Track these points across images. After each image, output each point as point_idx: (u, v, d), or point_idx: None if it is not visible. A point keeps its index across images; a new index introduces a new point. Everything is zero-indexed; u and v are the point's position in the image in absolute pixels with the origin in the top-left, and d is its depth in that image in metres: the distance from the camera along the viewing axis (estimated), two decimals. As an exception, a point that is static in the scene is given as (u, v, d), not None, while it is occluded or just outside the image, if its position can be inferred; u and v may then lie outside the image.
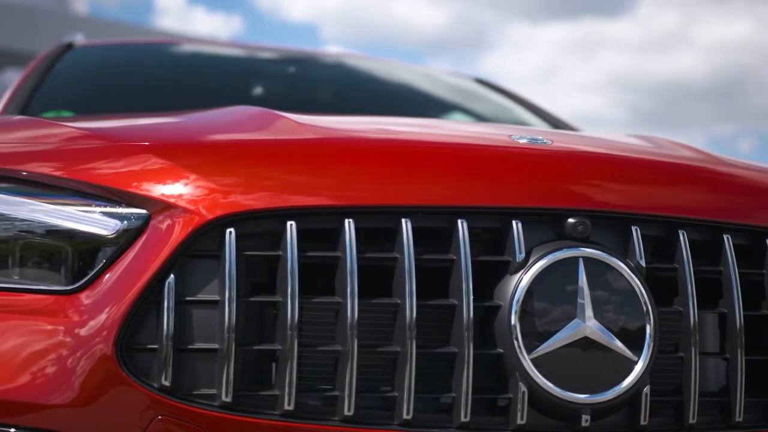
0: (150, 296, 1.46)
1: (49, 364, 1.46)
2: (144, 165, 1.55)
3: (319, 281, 1.48)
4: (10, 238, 1.57)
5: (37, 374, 1.46)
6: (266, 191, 1.51)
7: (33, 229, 1.56)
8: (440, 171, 1.55)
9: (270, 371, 1.49)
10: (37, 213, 1.57)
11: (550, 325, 1.47)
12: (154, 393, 1.43)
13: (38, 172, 1.60)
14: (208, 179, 1.51)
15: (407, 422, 1.45)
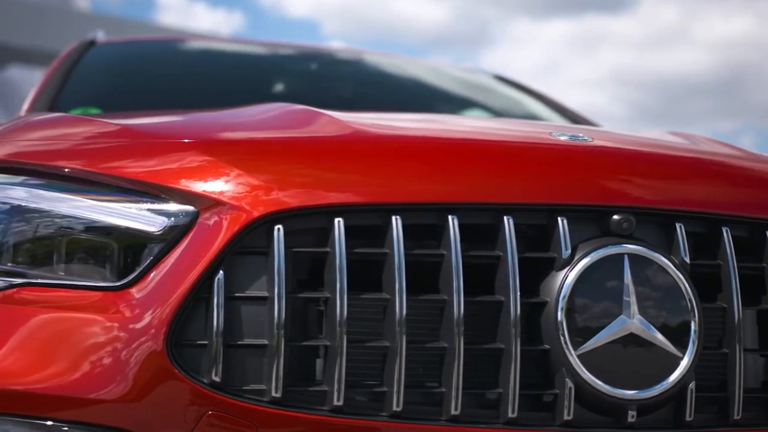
0: (199, 292, 1.47)
1: (98, 359, 1.47)
2: (192, 162, 1.56)
3: (365, 277, 1.49)
4: (57, 235, 1.58)
5: (87, 370, 1.47)
6: (313, 188, 1.52)
7: (79, 225, 1.58)
8: (485, 168, 1.56)
9: (314, 366, 1.50)
10: (83, 210, 1.59)
11: (596, 321, 1.48)
12: (205, 388, 1.44)
13: (85, 169, 1.61)
14: (256, 176, 1.52)
15: (455, 418, 1.46)
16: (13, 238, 1.61)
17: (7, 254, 1.60)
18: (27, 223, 1.61)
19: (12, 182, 1.66)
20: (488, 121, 2.20)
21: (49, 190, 1.63)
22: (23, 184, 1.65)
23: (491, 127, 1.89)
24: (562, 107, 3.46)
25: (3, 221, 1.62)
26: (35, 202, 1.62)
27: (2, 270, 1.59)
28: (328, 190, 1.52)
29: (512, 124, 2.05)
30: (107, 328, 1.48)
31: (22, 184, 1.65)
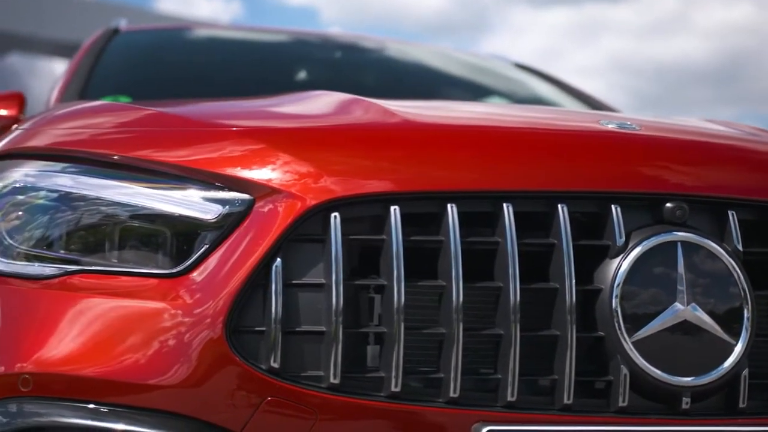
0: (257, 280, 1.48)
1: (156, 346, 1.48)
2: (248, 150, 1.57)
3: (420, 265, 1.50)
4: (110, 222, 1.59)
5: (145, 356, 1.48)
6: (369, 176, 1.53)
7: (132, 213, 1.58)
8: (539, 156, 1.57)
9: (367, 353, 1.51)
10: (136, 197, 1.59)
11: (650, 308, 1.49)
12: (263, 374, 1.46)
13: (136, 157, 1.62)
14: (312, 164, 1.53)
15: (511, 404, 1.47)
16: (65, 225, 1.62)
17: (61, 242, 1.61)
18: (79, 210, 1.61)
19: (63, 170, 1.66)
20: (533, 110, 2.20)
21: (100, 177, 1.63)
22: (75, 171, 1.66)
23: (539, 116, 1.90)
24: (584, 94, 3.46)
25: (55, 209, 1.63)
26: (88, 189, 1.62)
27: (56, 257, 1.60)
28: (384, 178, 1.52)
29: (559, 113, 2.06)
30: (165, 315, 1.49)
31: (73, 172, 1.65)
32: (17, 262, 1.61)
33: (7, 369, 1.51)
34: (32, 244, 1.62)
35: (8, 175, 1.70)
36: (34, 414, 1.49)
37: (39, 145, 1.73)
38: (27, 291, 1.57)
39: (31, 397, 1.50)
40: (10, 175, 1.69)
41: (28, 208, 1.66)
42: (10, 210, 1.66)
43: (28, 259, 1.61)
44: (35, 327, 1.53)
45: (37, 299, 1.56)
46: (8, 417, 1.50)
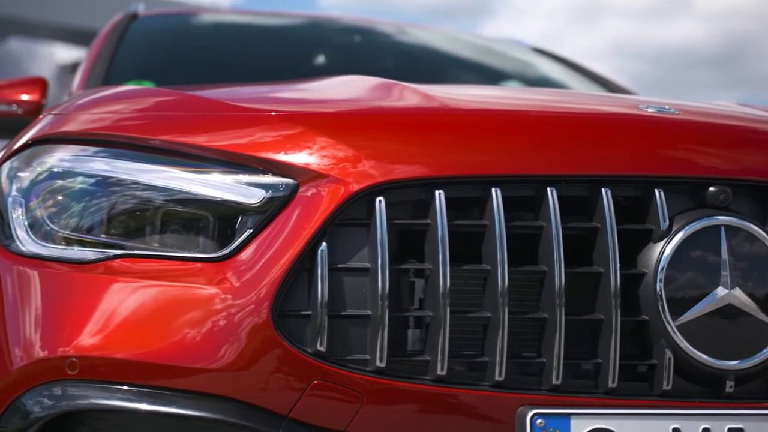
0: (302, 264, 1.49)
1: (203, 329, 1.49)
2: (291, 135, 1.57)
3: (462, 249, 1.50)
4: (152, 207, 1.59)
5: (191, 339, 1.48)
6: (412, 161, 1.53)
7: (175, 197, 1.59)
8: (582, 141, 1.57)
9: (410, 337, 1.51)
10: (178, 182, 1.60)
11: (694, 292, 1.50)
12: (310, 358, 1.46)
13: (177, 141, 1.62)
14: (356, 149, 1.53)
15: (556, 387, 1.48)
16: (106, 210, 1.62)
17: (102, 226, 1.61)
18: (119, 195, 1.62)
19: (101, 155, 1.67)
20: (570, 95, 2.21)
21: (139, 162, 1.64)
22: (113, 156, 1.66)
23: (577, 101, 1.90)
24: (603, 77, 3.47)
25: (95, 194, 1.63)
26: (127, 174, 1.63)
27: (98, 241, 1.60)
28: (428, 162, 1.53)
29: (595, 98, 2.06)
30: (210, 299, 1.50)
31: (112, 157, 1.66)
32: (59, 247, 1.61)
33: (53, 352, 1.52)
34: (73, 228, 1.62)
35: (45, 161, 1.70)
36: (80, 397, 1.50)
37: (74, 129, 1.73)
38: (70, 275, 1.57)
39: (77, 380, 1.50)
40: (47, 160, 1.70)
41: (68, 192, 1.66)
42: (49, 195, 1.67)
43: (70, 243, 1.61)
44: (80, 311, 1.53)
45: (80, 283, 1.56)
46: (54, 400, 1.51)
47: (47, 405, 1.51)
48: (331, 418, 1.46)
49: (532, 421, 1.45)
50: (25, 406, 1.52)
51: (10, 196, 1.70)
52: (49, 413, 1.50)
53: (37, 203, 1.67)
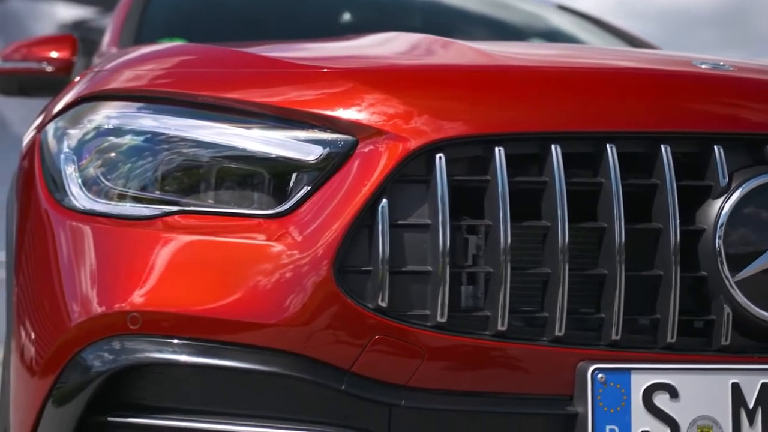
0: (363, 220, 1.49)
1: (264, 285, 1.49)
2: (349, 91, 1.57)
3: (521, 205, 1.51)
4: (209, 164, 1.60)
5: (253, 294, 1.49)
6: (472, 117, 1.53)
7: (231, 154, 1.59)
8: (641, 97, 1.57)
9: (470, 293, 1.52)
10: (234, 138, 1.60)
11: (752, 248, 1.50)
12: (372, 313, 1.47)
13: (232, 98, 1.62)
14: (415, 105, 1.53)
15: (615, 343, 1.49)
16: (162, 166, 1.62)
17: (157, 183, 1.62)
18: (174, 151, 1.62)
19: (154, 111, 1.67)
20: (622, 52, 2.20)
21: (193, 118, 1.64)
22: (166, 113, 1.66)
23: (632, 58, 1.89)
24: (632, 35, 3.45)
25: (150, 150, 1.64)
26: (181, 130, 1.63)
27: (154, 198, 1.61)
28: (486, 119, 1.53)
29: (647, 55, 2.05)
30: (271, 254, 1.50)
31: (165, 113, 1.66)
32: (114, 203, 1.62)
33: (115, 307, 1.53)
34: (128, 185, 1.63)
35: (95, 118, 1.70)
36: (142, 351, 1.51)
37: (123, 86, 1.73)
38: (128, 231, 1.58)
39: (139, 334, 1.51)
40: (98, 117, 1.70)
41: (121, 149, 1.66)
42: (102, 152, 1.67)
43: (125, 199, 1.62)
44: (140, 266, 1.54)
45: (139, 239, 1.57)
46: (115, 354, 1.52)
47: (109, 360, 1.52)
48: (392, 373, 1.48)
49: (593, 375, 1.46)
50: (86, 362, 1.53)
51: (61, 153, 1.71)
52: (111, 368, 1.51)
53: (89, 160, 1.67)
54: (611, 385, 1.46)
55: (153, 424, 1.51)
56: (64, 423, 1.53)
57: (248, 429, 1.50)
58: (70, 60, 2.86)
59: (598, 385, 1.46)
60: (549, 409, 1.49)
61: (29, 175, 1.80)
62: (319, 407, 1.49)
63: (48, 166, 1.73)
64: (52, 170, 1.71)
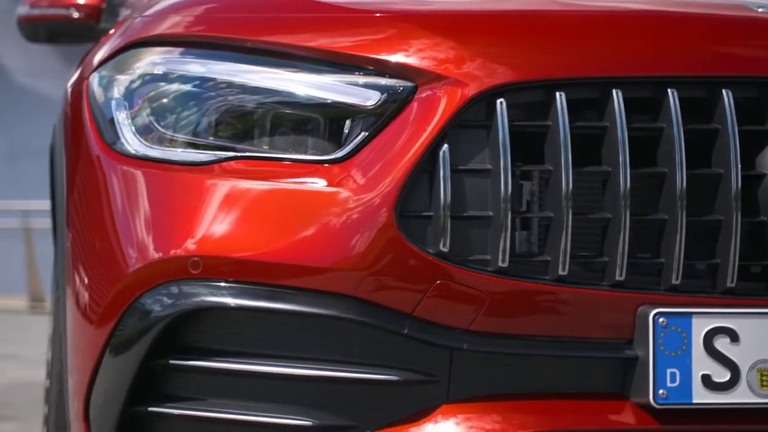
0: (423, 165, 1.49)
1: (326, 229, 1.50)
2: (408, 36, 1.56)
3: (580, 150, 1.50)
4: (266, 109, 1.59)
5: (314, 239, 1.50)
6: (533, 62, 1.52)
7: (288, 99, 1.59)
8: (701, 42, 1.57)
9: (529, 238, 1.52)
10: (290, 83, 1.59)
11: None
12: (433, 258, 1.48)
13: (286, 43, 1.61)
14: (475, 51, 1.53)
15: (674, 287, 1.49)
16: (216, 112, 1.62)
17: (212, 128, 1.62)
18: (228, 97, 1.61)
19: (207, 57, 1.66)
20: None
21: (247, 63, 1.63)
22: (220, 58, 1.65)
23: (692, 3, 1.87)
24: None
25: (203, 96, 1.63)
26: (235, 75, 1.62)
27: (210, 144, 1.60)
28: (547, 64, 1.52)
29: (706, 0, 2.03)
30: (332, 200, 1.51)
31: (219, 59, 1.65)
32: (169, 149, 1.61)
33: (176, 252, 1.53)
34: (182, 130, 1.63)
35: (146, 65, 1.69)
36: (204, 295, 1.51)
37: (171, 32, 1.72)
38: (185, 176, 1.58)
39: (200, 279, 1.52)
40: (148, 64, 1.69)
41: (174, 95, 1.66)
42: (154, 98, 1.66)
43: (181, 145, 1.61)
44: (199, 211, 1.54)
45: (197, 185, 1.57)
46: (177, 299, 1.53)
47: (169, 304, 1.52)
48: (453, 317, 1.49)
49: (655, 319, 1.47)
50: (146, 307, 1.54)
51: (112, 100, 1.70)
52: (172, 312, 1.52)
53: (141, 106, 1.67)
54: (672, 329, 1.47)
55: (214, 367, 1.52)
56: (126, 368, 1.54)
57: (308, 372, 1.51)
58: (98, 6, 2.83)
59: (659, 329, 1.47)
60: (608, 352, 1.50)
61: (77, 123, 1.79)
62: (378, 351, 1.50)
63: (98, 113, 1.73)
64: (102, 117, 1.71)
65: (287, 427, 1.52)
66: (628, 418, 1.50)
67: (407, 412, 1.51)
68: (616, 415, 1.51)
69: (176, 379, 1.55)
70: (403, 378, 1.49)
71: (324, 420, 1.51)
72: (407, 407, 1.51)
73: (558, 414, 1.50)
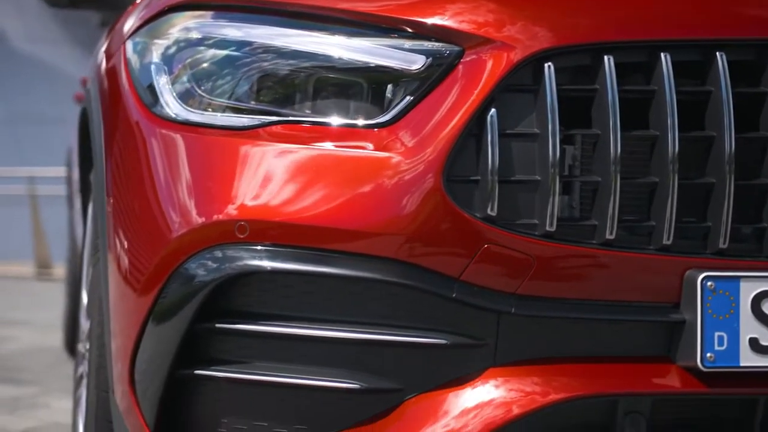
0: (470, 130, 1.49)
1: (373, 193, 1.50)
2: None
3: (627, 114, 1.50)
4: (307, 73, 1.59)
5: (361, 203, 1.50)
6: (581, 26, 1.52)
7: (331, 63, 1.58)
8: (746, 5, 1.56)
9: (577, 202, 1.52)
10: (333, 47, 1.59)
11: None
12: (481, 222, 1.48)
13: (329, 6, 1.61)
14: (523, 14, 1.52)
15: (721, 251, 1.50)
16: (258, 77, 1.61)
17: (254, 93, 1.61)
18: (270, 61, 1.61)
19: (248, 20, 1.65)
20: None
21: (289, 27, 1.62)
22: (261, 22, 1.64)
23: None
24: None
25: (245, 60, 1.63)
26: (276, 39, 1.61)
27: (252, 108, 1.60)
28: (595, 27, 1.52)
29: None
30: (378, 164, 1.50)
31: (260, 22, 1.64)
32: (212, 113, 1.61)
33: (222, 216, 1.53)
34: (224, 95, 1.62)
35: (185, 29, 1.68)
36: (249, 259, 1.51)
37: None
38: (228, 141, 1.58)
39: (247, 243, 1.52)
40: (187, 28, 1.68)
41: (215, 60, 1.65)
42: (195, 63, 1.66)
43: (224, 110, 1.61)
44: (245, 176, 1.54)
45: (241, 149, 1.56)
46: (220, 263, 1.53)
47: (216, 268, 1.52)
48: (501, 281, 1.49)
49: (703, 283, 1.47)
50: (191, 271, 1.54)
51: (151, 64, 1.70)
52: (218, 276, 1.52)
53: (181, 71, 1.66)
54: (720, 293, 1.48)
55: (261, 330, 1.53)
56: (173, 332, 1.54)
57: (355, 335, 1.51)
58: None
59: (707, 293, 1.47)
60: (655, 316, 1.51)
61: (115, 90, 1.79)
62: (425, 315, 1.51)
63: (137, 79, 1.72)
64: (142, 82, 1.70)
65: (334, 390, 1.52)
66: (674, 381, 1.51)
67: (453, 376, 1.51)
68: (662, 379, 1.51)
69: (222, 342, 1.55)
70: (451, 342, 1.50)
71: (370, 383, 1.52)
72: (453, 371, 1.51)
73: (603, 377, 1.51)
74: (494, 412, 1.48)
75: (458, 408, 1.49)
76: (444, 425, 1.49)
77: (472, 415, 1.48)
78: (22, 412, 3.34)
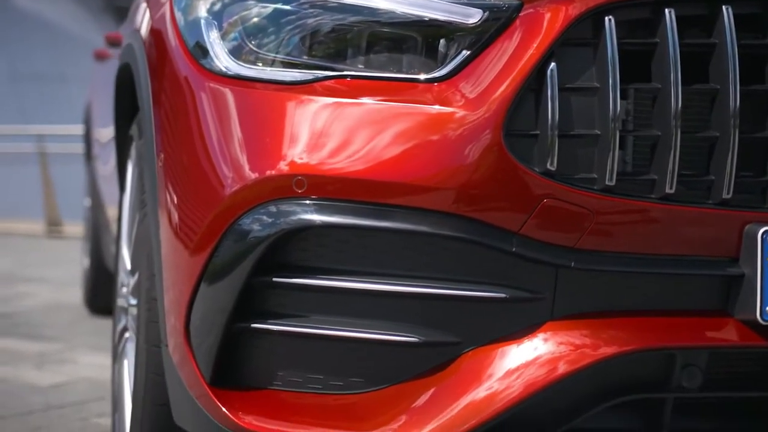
0: (529, 84, 1.48)
1: (432, 147, 1.49)
2: None
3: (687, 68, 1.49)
4: (363, 28, 1.58)
5: (420, 157, 1.49)
6: None
7: (387, 18, 1.57)
8: None
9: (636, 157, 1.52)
10: (388, 2, 1.57)
11: None
12: (541, 176, 1.48)
13: None
14: None
15: None
16: (312, 31, 1.60)
17: (307, 48, 1.60)
18: (324, 16, 1.60)
19: None
20: None
21: None
22: None
23: None
24: None
25: (298, 14, 1.61)
26: None
27: (306, 63, 1.59)
28: None
29: None
30: (437, 119, 1.50)
31: None
32: (265, 68, 1.60)
33: (280, 171, 1.53)
34: (277, 50, 1.61)
35: None
36: (307, 213, 1.51)
37: None
38: (283, 96, 1.57)
39: (305, 197, 1.52)
40: None
41: (267, 14, 1.64)
42: (247, 17, 1.65)
43: (276, 64, 1.60)
44: (302, 131, 1.54)
45: (296, 104, 1.56)
46: (277, 217, 1.52)
47: (273, 223, 1.52)
48: (560, 235, 1.49)
49: (763, 237, 1.48)
50: (247, 227, 1.53)
51: (201, 19, 1.69)
52: (276, 231, 1.51)
53: (232, 25, 1.65)
54: (780, 247, 1.48)
55: (319, 285, 1.53)
56: (230, 286, 1.55)
57: (414, 289, 1.52)
58: None
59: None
60: (714, 270, 1.51)
61: (162, 45, 1.78)
62: (484, 269, 1.51)
63: (186, 33, 1.71)
64: (191, 38, 1.69)
65: (392, 343, 1.53)
66: (731, 334, 1.52)
67: (511, 330, 1.52)
68: (719, 332, 1.52)
69: (279, 297, 1.56)
70: (510, 295, 1.50)
71: (428, 336, 1.53)
72: (511, 324, 1.52)
73: (662, 331, 1.52)
74: (556, 363, 1.49)
75: (517, 361, 1.50)
76: (502, 378, 1.50)
77: (532, 366, 1.49)
78: (49, 366, 3.36)
